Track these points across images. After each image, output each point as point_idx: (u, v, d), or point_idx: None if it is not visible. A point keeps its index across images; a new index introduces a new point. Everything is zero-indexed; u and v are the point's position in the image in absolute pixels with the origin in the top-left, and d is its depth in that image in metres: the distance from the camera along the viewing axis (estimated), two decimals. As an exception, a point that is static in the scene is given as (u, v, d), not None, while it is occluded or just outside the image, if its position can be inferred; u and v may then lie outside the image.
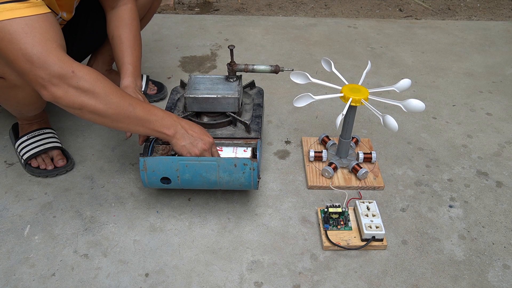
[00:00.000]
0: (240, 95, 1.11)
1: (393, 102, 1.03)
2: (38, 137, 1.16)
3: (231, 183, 0.98)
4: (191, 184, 1.00)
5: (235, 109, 1.10)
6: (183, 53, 1.73)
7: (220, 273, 0.93)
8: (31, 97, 0.99)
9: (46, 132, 1.19)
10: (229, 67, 1.12)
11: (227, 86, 1.12)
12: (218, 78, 1.15)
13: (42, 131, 1.18)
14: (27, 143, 1.16)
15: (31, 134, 1.17)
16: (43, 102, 1.07)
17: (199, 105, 1.10)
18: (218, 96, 1.08)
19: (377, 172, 1.16)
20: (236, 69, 1.12)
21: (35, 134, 1.17)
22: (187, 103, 1.10)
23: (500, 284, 0.92)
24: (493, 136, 1.33)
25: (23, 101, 1.00)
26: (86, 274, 0.92)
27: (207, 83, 1.13)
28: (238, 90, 1.10)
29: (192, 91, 1.10)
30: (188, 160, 0.96)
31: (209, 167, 0.96)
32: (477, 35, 1.93)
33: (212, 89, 1.10)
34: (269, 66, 1.11)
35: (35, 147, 1.15)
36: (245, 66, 1.11)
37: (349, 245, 0.98)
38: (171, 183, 0.99)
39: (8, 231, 1.01)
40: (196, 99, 1.09)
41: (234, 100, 1.09)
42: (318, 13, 2.16)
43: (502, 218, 1.07)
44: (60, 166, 1.15)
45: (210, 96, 1.08)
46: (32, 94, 0.97)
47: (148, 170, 0.97)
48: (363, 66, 1.61)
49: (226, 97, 1.08)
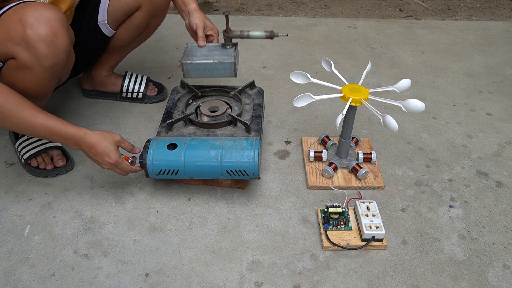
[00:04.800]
0: (236, 61, 1.14)
1: (393, 102, 1.03)
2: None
3: (234, 147, 1.01)
4: (196, 151, 1.01)
5: (231, 74, 1.15)
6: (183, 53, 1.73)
7: (220, 273, 0.93)
8: (39, 81, 1.00)
9: None
10: (225, 34, 1.16)
11: (223, 52, 1.16)
12: (214, 45, 1.19)
13: None
14: (27, 143, 1.16)
15: None
16: (49, 90, 1.07)
17: (196, 71, 1.14)
18: (215, 61, 1.12)
19: (377, 172, 1.16)
20: (232, 35, 1.16)
21: None
22: (185, 70, 1.14)
23: (500, 284, 0.92)
24: (493, 136, 1.33)
25: (30, 86, 1.01)
26: (86, 274, 0.92)
27: (204, 51, 1.17)
28: (234, 56, 1.14)
29: (189, 58, 1.14)
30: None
31: (216, 139, 1.04)
32: (477, 35, 1.93)
33: (209, 55, 1.14)
34: (264, 32, 1.15)
35: (35, 147, 1.15)
36: (240, 32, 1.16)
37: (349, 245, 0.98)
38: (177, 148, 1.01)
39: (8, 231, 1.01)
40: (194, 65, 1.13)
41: (230, 65, 1.13)
42: (318, 13, 2.16)
43: (502, 218, 1.07)
44: (60, 166, 1.15)
45: (206, 62, 1.12)
46: (40, 76, 0.98)
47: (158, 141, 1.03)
48: (363, 66, 1.61)
49: (223, 62, 1.12)
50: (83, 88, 1.45)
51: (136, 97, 1.42)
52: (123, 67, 1.56)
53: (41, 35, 0.90)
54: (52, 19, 0.91)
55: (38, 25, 0.89)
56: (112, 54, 1.35)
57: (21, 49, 0.91)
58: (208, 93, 1.25)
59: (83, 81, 1.44)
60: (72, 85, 1.49)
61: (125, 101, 1.44)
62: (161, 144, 1.03)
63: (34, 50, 0.91)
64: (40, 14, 0.89)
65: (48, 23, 0.90)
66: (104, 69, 1.39)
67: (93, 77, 1.40)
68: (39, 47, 0.91)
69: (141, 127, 1.33)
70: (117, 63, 1.40)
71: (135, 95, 1.42)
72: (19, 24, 0.89)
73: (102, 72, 1.39)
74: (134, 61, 1.64)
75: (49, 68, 0.95)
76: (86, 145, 0.98)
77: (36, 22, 0.89)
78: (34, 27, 0.89)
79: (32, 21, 0.89)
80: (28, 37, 0.89)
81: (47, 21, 0.90)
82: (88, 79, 1.42)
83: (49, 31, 0.90)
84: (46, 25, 0.90)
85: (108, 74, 1.40)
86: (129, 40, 1.30)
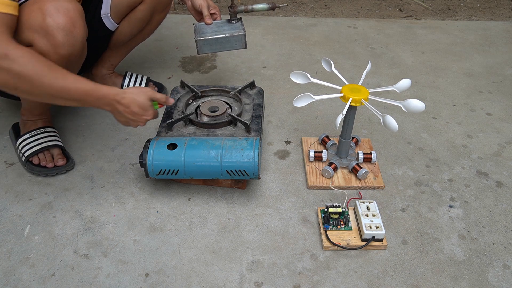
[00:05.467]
0: (245, 33, 1.24)
1: (393, 102, 1.03)
2: (40, 135, 1.17)
3: (234, 147, 1.02)
4: (196, 151, 1.01)
5: (242, 46, 1.25)
6: (183, 53, 1.73)
7: (220, 273, 0.93)
8: None
9: (48, 130, 1.19)
10: (230, 10, 1.27)
11: (231, 26, 1.26)
12: (221, 22, 1.28)
13: (44, 129, 1.19)
14: (29, 141, 1.16)
15: (34, 132, 1.17)
16: None
17: (209, 47, 1.23)
18: (227, 35, 1.21)
19: (377, 172, 1.16)
20: (237, 10, 1.26)
21: (37, 132, 1.17)
22: (198, 46, 1.22)
23: (500, 284, 0.92)
24: (493, 136, 1.33)
25: None
26: (86, 274, 0.92)
27: (213, 27, 1.25)
28: (243, 28, 1.25)
29: (202, 35, 1.22)
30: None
31: (216, 139, 1.05)
32: (477, 35, 1.93)
33: (219, 31, 1.24)
34: (266, 4, 1.25)
35: (37, 144, 1.15)
36: (245, 7, 1.26)
37: (349, 245, 0.98)
38: (177, 148, 1.01)
39: (8, 231, 1.01)
40: (207, 41, 1.21)
41: (241, 36, 1.23)
42: (318, 13, 2.16)
43: (502, 218, 1.07)
44: (60, 165, 1.15)
45: (219, 36, 1.21)
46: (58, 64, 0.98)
47: (158, 141, 1.04)
48: (363, 66, 1.61)
49: (234, 35, 1.22)
50: None
51: (136, 97, 1.42)
52: (123, 67, 1.56)
53: (60, 24, 0.92)
54: (71, 9, 0.94)
55: (58, 15, 0.92)
56: (114, 51, 1.35)
57: (40, 36, 0.93)
58: (208, 93, 1.25)
59: None
60: (72, 85, 1.49)
61: (125, 101, 1.44)
62: (161, 144, 1.03)
63: (52, 38, 0.93)
64: (60, 4, 0.93)
65: (68, 13, 0.93)
66: (105, 67, 1.39)
67: (94, 76, 1.40)
68: (57, 36, 0.93)
69: (141, 127, 1.33)
70: (118, 62, 1.40)
71: (135, 95, 1.42)
72: (39, 12, 0.91)
73: (103, 70, 1.39)
74: (134, 61, 1.64)
75: (65, 57, 0.97)
76: (121, 104, 0.96)
77: (55, 12, 0.92)
78: (54, 16, 0.92)
79: (52, 10, 0.92)
80: (48, 25, 0.92)
81: (67, 11, 0.93)
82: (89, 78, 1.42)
83: (68, 21, 0.93)
84: (65, 15, 0.93)
85: (108, 72, 1.40)
86: (131, 35, 1.31)
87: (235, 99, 1.24)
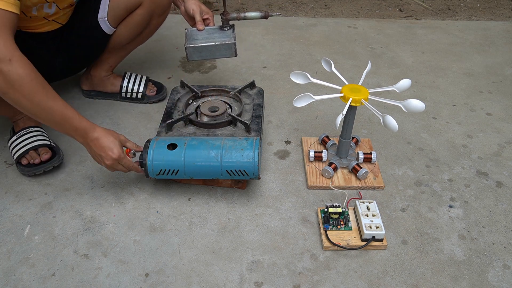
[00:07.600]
0: (235, 41, 1.21)
1: (393, 102, 1.03)
2: (26, 135, 1.16)
3: (234, 147, 1.02)
4: (196, 151, 1.01)
5: (232, 55, 1.21)
6: (183, 53, 1.73)
7: (220, 273, 0.93)
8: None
9: (34, 130, 1.19)
10: (222, 17, 1.23)
11: (222, 34, 1.23)
12: (213, 28, 1.25)
13: (30, 129, 1.18)
14: (16, 143, 1.16)
15: (20, 133, 1.17)
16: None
17: (199, 54, 1.20)
18: (216, 43, 1.18)
19: (377, 172, 1.16)
20: (229, 18, 1.23)
21: (24, 133, 1.17)
22: (188, 53, 1.19)
23: (500, 284, 0.92)
24: (493, 136, 1.33)
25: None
26: (86, 274, 0.92)
27: (204, 34, 1.23)
28: (233, 37, 1.20)
29: (192, 42, 1.19)
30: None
31: (216, 139, 1.05)
32: (477, 35, 1.93)
33: (210, 38, 1.21)
34: (259, 12, 1.22)
35: (24, 145, 1.14)
36: (237, 14, 1.23)
37: (349, 245, 0.98)
38: (177, 148, 1.01)
39: (8, 231, 1.01)
40: (196, 48, 1.19)
41: (231, 45, 1.20)
42: (318, 13, 2.16)
43: (502, 218, 1.07)
44: (45, 159, 1.13)
45: (209, 44, 1.18)
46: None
47: (158, 141, 1.04)
48: (363, 66, 1.61)
49: (224, 43, 1.18)
50: (82, 89, 1.45)
51: (135, 97, 1.42)
52: (123, 67, 1.56)
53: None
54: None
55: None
56: (112, 54, 1.35)
57: None
58: (208, 93, 1.25)
59: (82, 82, 1.44)
60: (72, 85, 1.49)
61: (125, 101, 1.44)
62: (161, 144, 1.03)
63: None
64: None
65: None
66: (103, 69, 1.39)
67: (92, 77, 1.40)
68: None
69: (141, 127, 1.33)
70: (117, 64, 1.40)
71: (135, 96, 1.42)
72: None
73: (101, 72, 1.39)
74: (134, 61, 1.64)
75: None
76: (91, 139, 0.98)
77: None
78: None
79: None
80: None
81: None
82: (87, 79, 1.42)
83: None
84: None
85: (107, 74, 1.40)
86: (129, 38, 1.30)
87: (235, 99, 1.24)
